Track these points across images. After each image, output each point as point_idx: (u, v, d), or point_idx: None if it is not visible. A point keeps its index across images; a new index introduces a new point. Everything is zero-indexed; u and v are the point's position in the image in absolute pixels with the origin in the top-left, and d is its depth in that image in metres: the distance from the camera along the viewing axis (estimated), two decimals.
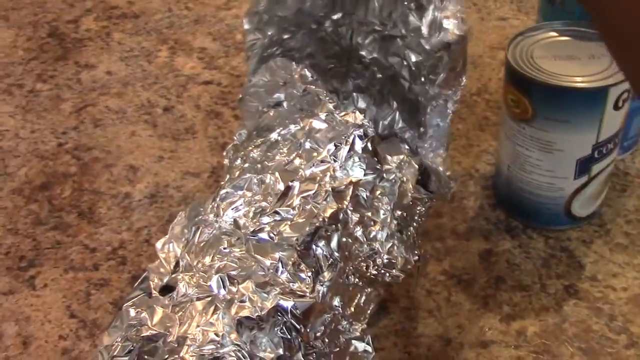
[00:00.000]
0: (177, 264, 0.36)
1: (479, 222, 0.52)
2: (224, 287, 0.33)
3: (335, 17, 0.49)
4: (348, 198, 0.38)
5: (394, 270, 0.40)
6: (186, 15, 0.81)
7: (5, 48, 0.78)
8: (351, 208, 0.38)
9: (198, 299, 0.33)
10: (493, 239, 0.50)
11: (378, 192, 0.40)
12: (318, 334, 0.33)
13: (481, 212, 0.53)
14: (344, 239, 0.37)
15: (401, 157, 0.41)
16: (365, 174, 0.40)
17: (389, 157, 0.41)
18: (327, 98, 0.46)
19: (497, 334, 0.44)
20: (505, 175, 0.50)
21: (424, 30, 0.44)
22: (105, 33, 0.79)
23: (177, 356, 0.31)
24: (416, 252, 0.41)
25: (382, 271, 0.39)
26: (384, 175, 0.40)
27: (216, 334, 0.31)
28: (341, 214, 0.37)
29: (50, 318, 0.47)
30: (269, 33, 0.49)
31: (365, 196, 0.39)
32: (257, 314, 0.32)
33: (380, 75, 0.51)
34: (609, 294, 0.46)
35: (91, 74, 0.72)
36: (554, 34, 0.48)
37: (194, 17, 0.80)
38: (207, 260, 0.35)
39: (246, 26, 0.50)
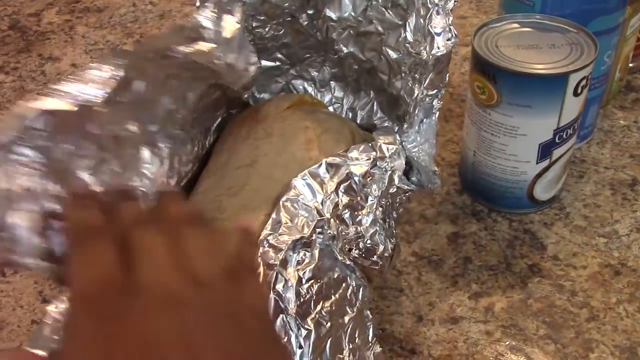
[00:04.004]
0: None
1: (446, 206, 0.54)
2: None
3: (310, 12, 0.50)
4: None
5: (374, 257, 0.41)
6: (151, 10, 0.81)
7: None
8: (342, 190, 0.39)
9: None
10: (460, 222, 0.52)
11: (369, 179, 0.41)
12: None
13: (448, 198, 0.54)
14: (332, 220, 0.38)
15: (395, 147, 0.42)
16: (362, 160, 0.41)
17: (384, 147, 0.42)
18: None
19: (467, 310, 0.46)
20: (471, 161, 0.52)
21: (409, 35, 0.44)
22: (69, 26, 0.78)
23: None
24: (392, 240, 0.43)
25: (363, 255, 0.40)
26: (377, 163, 0.41)
27: None
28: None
29: (21, 303, 0.46)
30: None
31: (357, 180, 0.40)
32: None
33: (356, 67, 0.52)
34: (570, 272, 0.48)
35: (55, 66, 0.71)
36: (516, 25, 0.50)
37: (159, 12, 0.80)
38: None
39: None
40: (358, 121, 0.53)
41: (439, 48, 0.42)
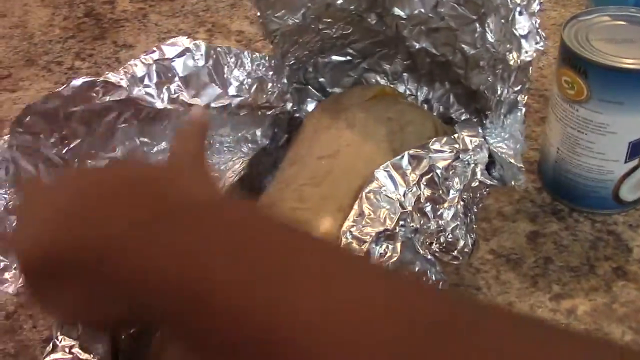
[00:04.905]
0: None
1: (524, 204, 0.52)
2: None
3: (377, 10, 0.49)
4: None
5: (454, 252, 0.40)
6: None
7: (42, 26, 0.78)
8: (425, 183, 0.38)
9: None
10: (539, 221, 0.51)
11: (451, 172, 0.40)
12: None
13: (526, 195, 0.53)
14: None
15: (479, 140, 0.41)
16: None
17: (467, 139, 0.41)
18: None
19: (548, 311, 0.44)
20: (554, 159, 0.50)
21: (489, 35, 0.43)
22: (142, 15, 0.79)
23: None
24: (472, 235, 0.42)
25: (443, 250, 0.40)
26: (460, 155, 0.40)
27: None
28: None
29: None
30: (291, 22, 0.47)
31: (439, 173, 0.39)
32: None
33: (429, 60, 0.51)
34: None
35: (130, 54, 0.72)
36: (607, 18, 0.48)
37: (230, 2, 0.80)
38: None
39: (259, 13, 0.47)
40: (434, 113, 0.52)
41: (527, 52, 0.40)
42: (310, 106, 0.53)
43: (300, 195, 0.40)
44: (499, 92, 0.42)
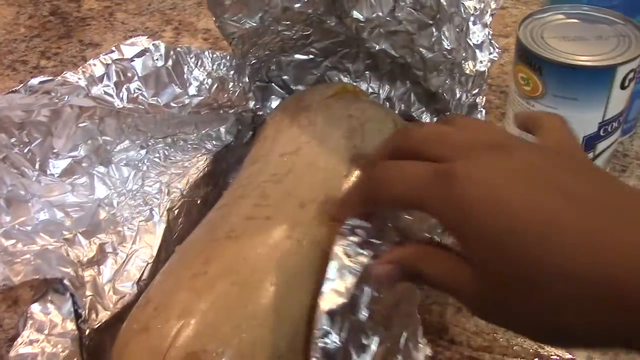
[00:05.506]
0: None
1: None
2: None
3: (337, 13, 0.49)
4: None
5: None
6: None
7: (6, 25, 0.78)
8: None
9: None
10: None
11: None
12: None
13: None
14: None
15: None
16: None
17: None
18: None
19: None
20: None
21: (445, 43, 0.44)
22: (108, 13, 0.79)
23: None
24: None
25: None
26: None
27: None
28: None
29: None
30: (248, 25, 0.47)
31: None
32: None
33: (389, 61, 0.51)
34: None
35: (96, 52, 0.72)
36: (562, 16, 0.50)
37: (197, 0, 0.80)
38: None
39: (214, 17, 0.47)
40: (395, 111, 0.53)
41: (481, 62, 0.41)
42: (274, 103, 0.53)
43: (263, 192, 0.40)
44: (457, 95, 0.43)
